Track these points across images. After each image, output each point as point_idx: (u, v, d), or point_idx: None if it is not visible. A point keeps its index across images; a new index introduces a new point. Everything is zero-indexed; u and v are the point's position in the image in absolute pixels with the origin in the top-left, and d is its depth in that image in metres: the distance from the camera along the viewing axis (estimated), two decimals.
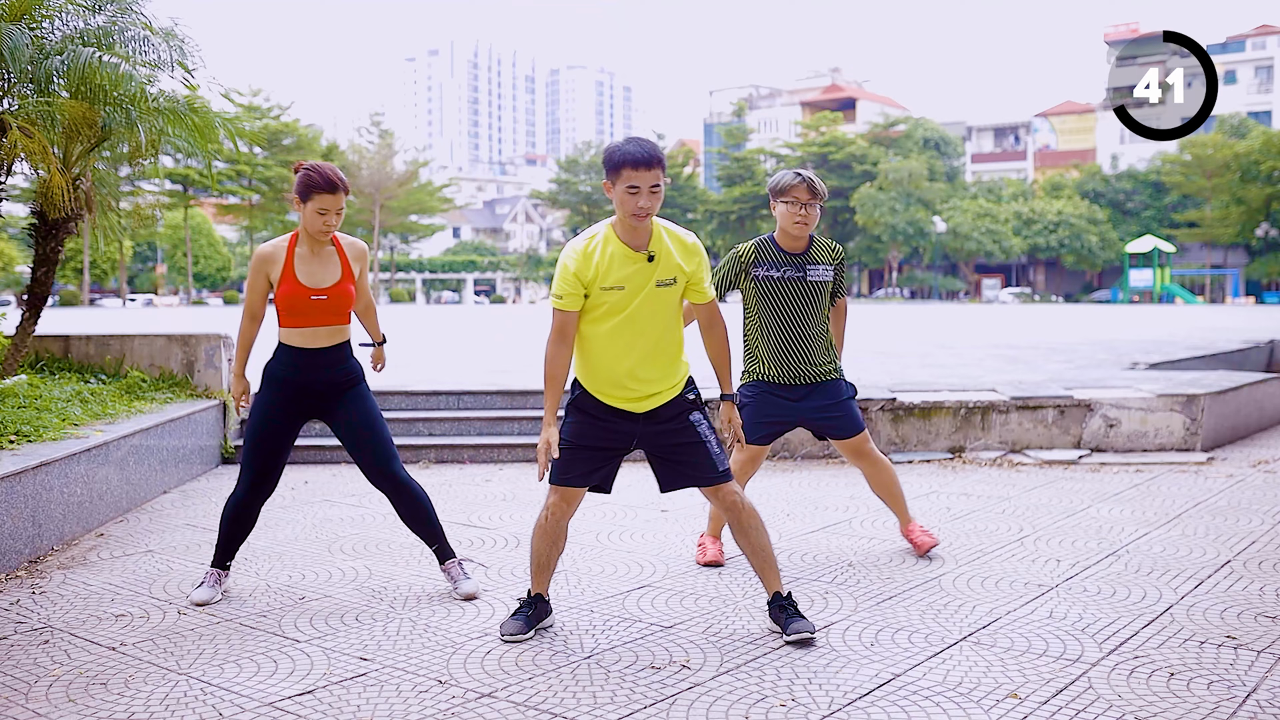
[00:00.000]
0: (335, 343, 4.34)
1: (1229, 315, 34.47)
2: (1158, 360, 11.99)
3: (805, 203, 4.70)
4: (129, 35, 7.72)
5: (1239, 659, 3.59)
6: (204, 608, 4.29)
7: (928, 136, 76.88)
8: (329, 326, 4.30)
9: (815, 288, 4.78)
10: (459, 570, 4.51)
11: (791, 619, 3.85)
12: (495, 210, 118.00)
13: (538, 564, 3.95)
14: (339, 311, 4.30)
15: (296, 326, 4.28)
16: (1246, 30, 79.01)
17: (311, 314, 4.27)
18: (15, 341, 7.88)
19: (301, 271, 4.26)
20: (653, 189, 3.62)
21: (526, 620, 3.89)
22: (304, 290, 4.24)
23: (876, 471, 4.99)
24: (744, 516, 3.89)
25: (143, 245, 73.97)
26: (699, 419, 3.87)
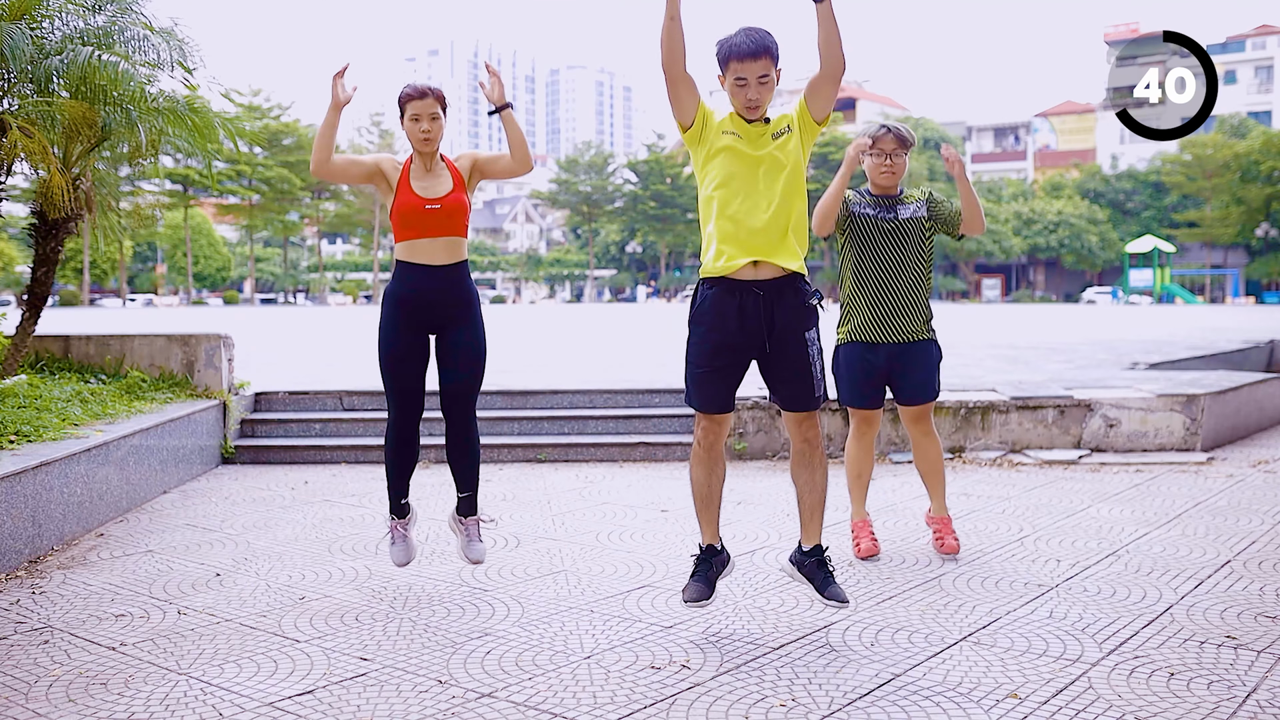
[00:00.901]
0: (452, 260, 4.37)
1: (1229, 315, 34.46)
2: (1158, 360, 11.99)
3: (891, 152, 4.81)
4: (129, 35, 7.72)
5: (1239, 659, 3.59)
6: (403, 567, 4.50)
7: (928, 136, 76.81)
8: (445, 238, 4.34)
9: (908, 227, 4.86)
10: (475, 530, 4.56)
11: (829, 582, 3.85)
12: (495, 210, 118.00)
13: (700, 499, 3.91)
14: (454, 224, 4.35)
15: (413, 238, 4.32)
16: (1246, 30, 79.02)
17: (426, 225, 4.30)
18: (15, 341, 7.88)
19: (417, 185, 4.35)
20: (760, 79, 3.60)
21: (706, 580, 3.86)
22: (418, 200, 4.31)
23: (931, 444, 5.02)
24: (817, 454, 3.88)
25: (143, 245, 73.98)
26: (812, 337, 3.84)
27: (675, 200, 75.97)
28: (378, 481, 7.07)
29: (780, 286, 3.78)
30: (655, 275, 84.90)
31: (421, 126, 4.33)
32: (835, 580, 3.89)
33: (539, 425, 8.26)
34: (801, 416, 3.86)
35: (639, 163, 78.40)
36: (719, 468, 3.91)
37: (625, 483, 7.03)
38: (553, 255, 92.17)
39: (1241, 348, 14.26)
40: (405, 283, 4.35)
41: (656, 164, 76.99)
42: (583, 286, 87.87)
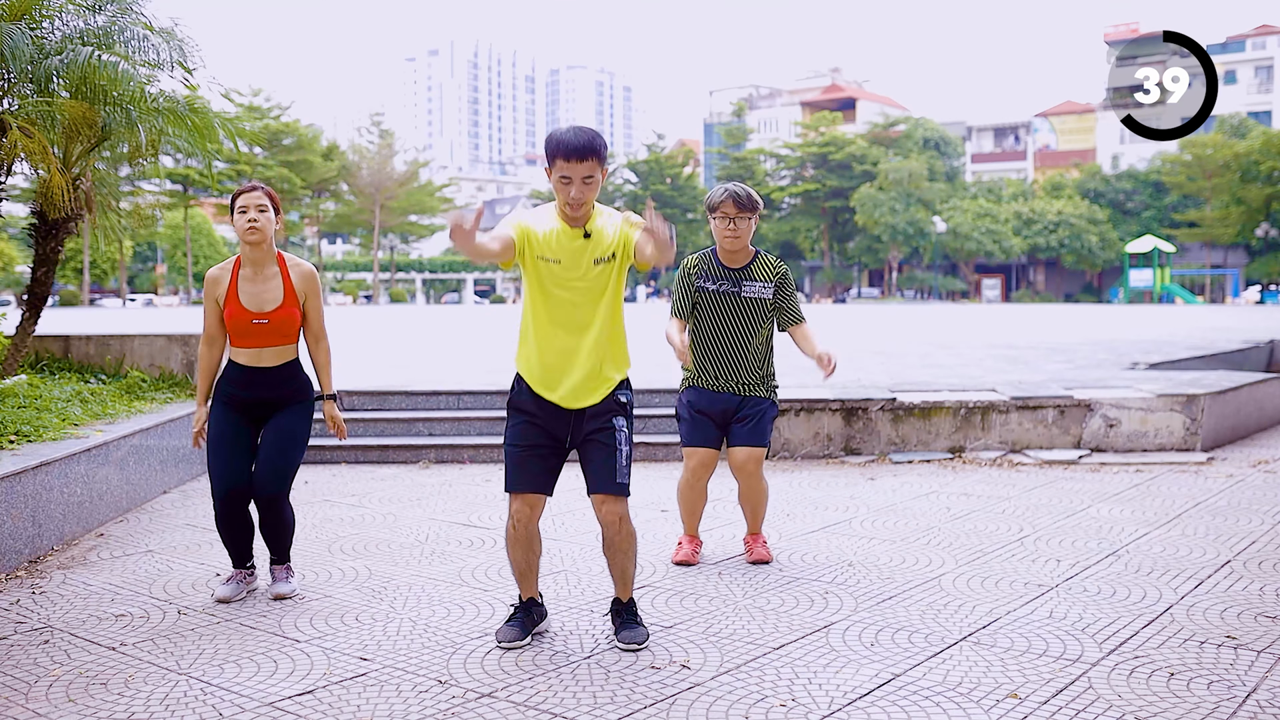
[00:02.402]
0: (281, 362, 4.40)
1: (1229, 315, 34.47)
2: (1158, 360, 11.99)
3: (734, 217, 4.72)
4: (129, 35, 7.72)
5: (1239, 659, 3.59)
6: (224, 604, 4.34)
7: (928, 136, 76.87)
8: (274, 347, 4.37)
9: (751, 304, 4.80)
10: (284, 573, 4.52)
11: (627, 625, 3.83)
12: (495, 210, 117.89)
13: (519, 573, 3.90)
14: (283, 334, 4.37)
15: (242, 346, 4.36)
16: (1246, 30, 79.02)
17: (255, 336, 4.33)
18: (15, 341, 7.88)
19: (245, 294, 4.34)
20: (585, 180, 3.58)
21: (522, 626, 3.86)
22: (246, 314, 4.32)
23: (754, 491, 4.94)
24: (620, 537, 3.82)
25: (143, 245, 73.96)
26: (621, 424, 3.81)
27: (675, 200, 75.96)
28: (378, 481, 7.07)
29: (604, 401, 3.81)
30: (655, 275, 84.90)
31: (249, 217, 4.29)
32: (636, 625, 3.84)
33: None
34: (603, 499, 3.80)
35: (639, 163, 78.43)
36: (536, 544, 3.87)
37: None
38: None
39: (1241, 348, 14.27)
40: (235, 382, 4.38)
41: (656, 164, 77.01)
42: None
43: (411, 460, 7.90)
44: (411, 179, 73.03)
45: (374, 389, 8.84)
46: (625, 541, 3.83)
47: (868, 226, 71.18)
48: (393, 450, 7.94)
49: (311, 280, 4.46)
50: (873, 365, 12.20)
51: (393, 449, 7.95)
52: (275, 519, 4.42)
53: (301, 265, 4.48)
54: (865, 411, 7.91)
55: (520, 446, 3.79)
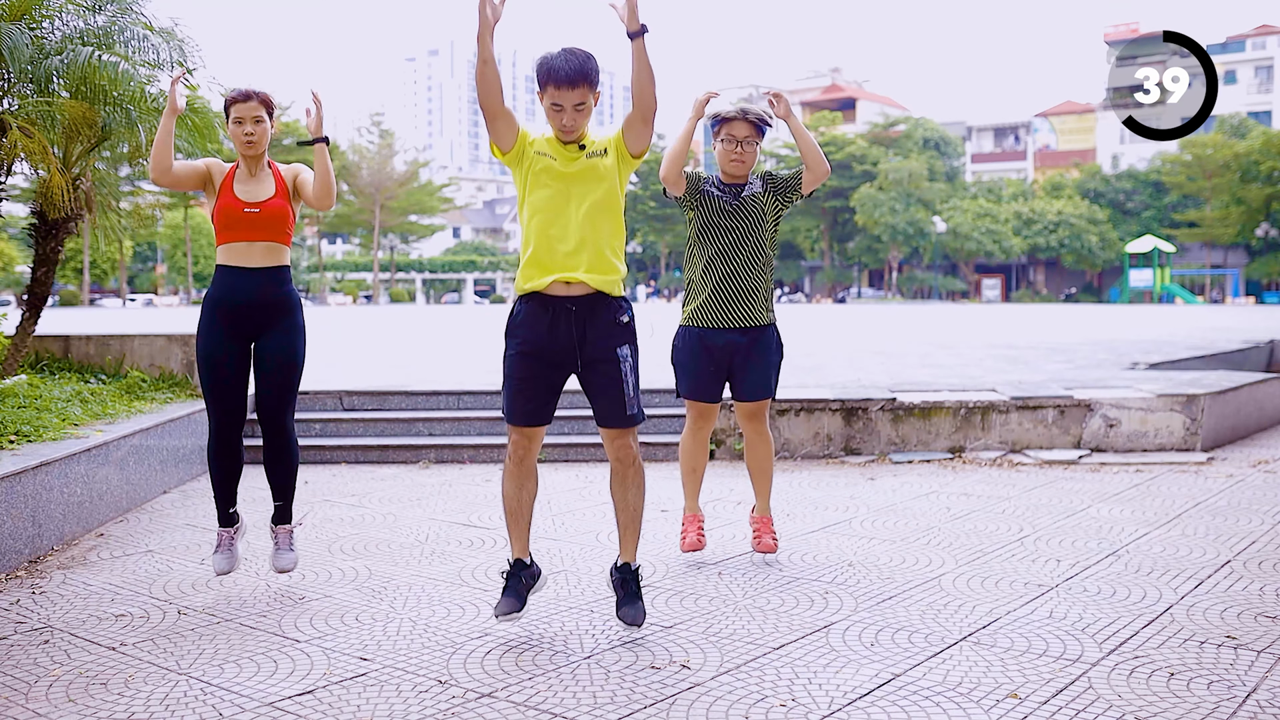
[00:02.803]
0: (270, 264, 4.36)
1: (1229, 315, 34.47)
2: (1158, 360, 11.99)
3: (743, 139, 4.66)
4: (129, 35, 7.72)
5: (1239, 659, 3.59)
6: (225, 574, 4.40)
7: (928, 136, 76.86)
8: (263, 243, 4.33)
9: (749, 206, 4.73)
10: (287, 539, 4.52)
11: (628, 600, 3.82)
12: (495, 210, 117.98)
13: (510, 512, 3.89)
14: (273, 229, 4.34)
15: (231, 241, 4.32)
16: (1246, 30, 78.98)
17: (244, 228, 4.30)
18: (15, 341, 7.88)
19: (239, 188, 4.35)
20: (576, 106, 3.58)
21: (517, 594, 3.85)
22: (238, 203, 4.31)
23: (762, 443, 4.92)
24: (631, 471, 3.85)
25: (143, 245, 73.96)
26: (625, 353, 3.82)
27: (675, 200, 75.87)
28: (377, 481, 7.07)
29: (592, 303, 3.78)
30: (655, 275, 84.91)
31: (245, 129, 4.32)
32: (636, 601, 3.83)
33: None
34: (614, 433, 3.83)
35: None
36: (530, 482, 3.88)
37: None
38: None
39: (1241, 348, 14.27)
40: (222, 286, 4.34)
41: (656, 164, 76.96)
42: None
43: (411, 460, 7.90)
44: (411, 179, 73.02)
45: (374, 389, 8.84)
46: (636, 475, 3.85)
47: (868, 226, 71.15)
48: (393, 450, 7.94)
49: (300, 169, 4.48)
50: (873, 365, 12.20)
51: (393, 449, 7.95)
52: (282, 445, 4.41)
53: (293, 166, 4.51)
54: (865, 411, 7.91)
55: (517, 378, 3.80)
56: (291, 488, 4.54)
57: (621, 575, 3.92)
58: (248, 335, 4.38)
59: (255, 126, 4.33)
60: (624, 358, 3.81)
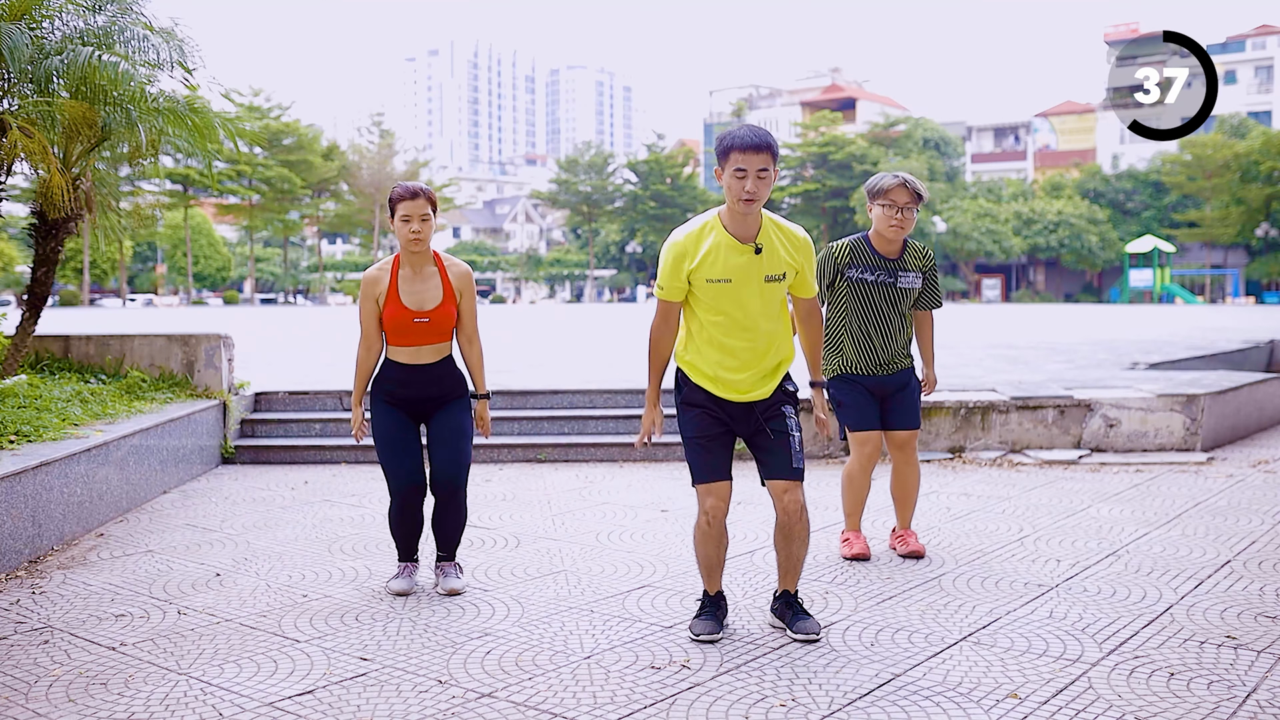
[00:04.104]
0: (439, 358, 4.48)
1: (1229, 315, 34.47)
2: (1158, 360, 11.99)
3: (903, 206, 4.77)
4: (129, 35, 7.72)
5: (1239, 659, 3.59)
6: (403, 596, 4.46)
7: (928, 136, 76.83)
8: (432, 345, 4.45)
9: (904, 294, 4.92)
10: (453, 570, 4.59)
11: (799, 616, 3.88)
12: (495, 210, 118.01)
13: (707, 567, 3.93)
14: (441, 331, 4.45)
15: (402, 345, 4.43)
16: (1246, 30, 78.97)
17: (415, 334, 4.41)
18: (15, 341, 7.88)
19: (405, 293, 4.42)
20: (760, 173, 3.62)
21: (715, 619, 3.91)
22: (408, 313, 4.39)
23: (912, 470, 5.06)
24: (798, 525, 3.87)
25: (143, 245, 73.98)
26: (790, 411, 3.88)
27: (675, 200, 75.92)
28: (378, 481, 7.07)
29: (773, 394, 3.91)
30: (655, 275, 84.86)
31: (412, 227, 4.37)
32: (807, 615, 3.90)
33: (539, 425, 8.26)
34: (784, 485, 3.84)
35: (639, 163, 78.34)
36: (725, 538, 3.90)
37: (625, 483, 7.03)
38: (553, 255, 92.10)
39: (1241, 348, 14.26)
40: (394, 381, 4.47)
41: (656, 164, 76.95)
42: (583, 286, 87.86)
43: None
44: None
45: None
46: (804, 529, 3.89)
47: (867, 226, 71.07)
48: None
49: (468, 280, 4.55)
50: None
51: None
52: (455, 511, 4.53)
53: (458, 265, 4.56)
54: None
55: (703, 438, 3.84)
56: (457, 544, 4.63)
57: (784, 600, 3.96)
58: (419, 416, 4.54)
59: (422, 225, 4.37)
60: (789, 415, 3.89)
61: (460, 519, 4.56)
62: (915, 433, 5.03)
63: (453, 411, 4.51)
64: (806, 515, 3.87)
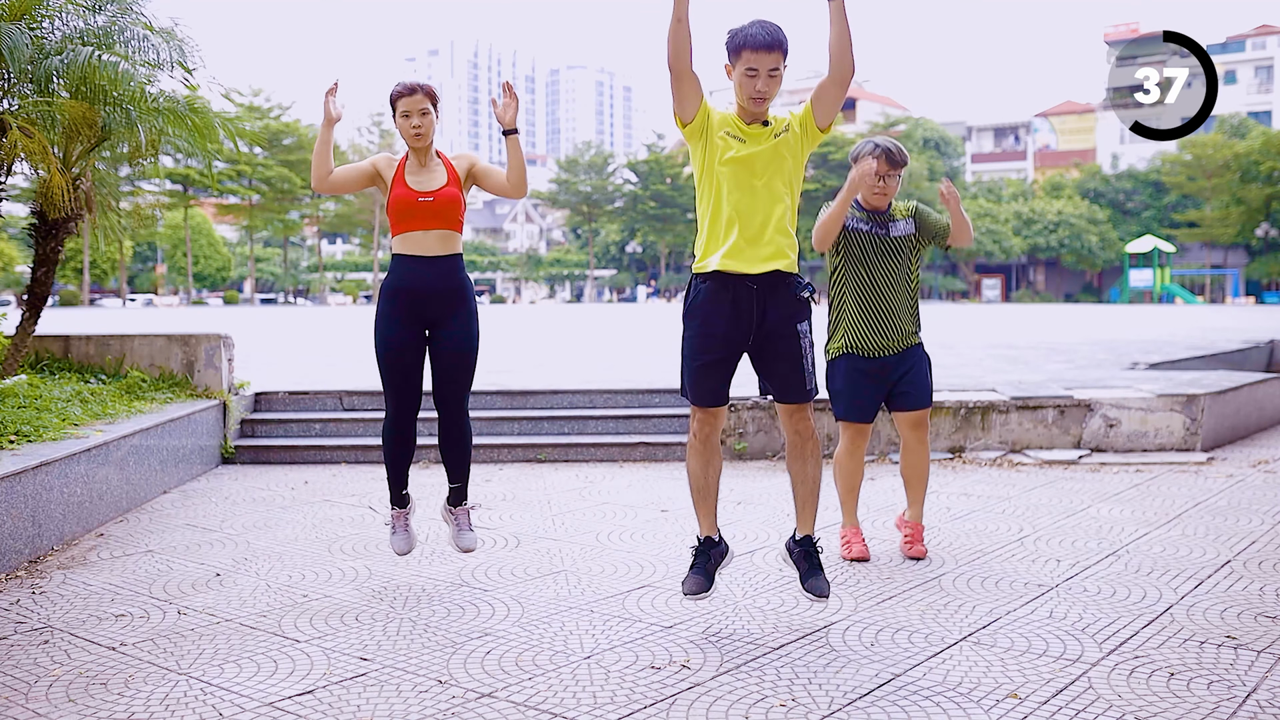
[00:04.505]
0: (446, 252, 4.46)
1: (1229, 315, 34.46)
2: (1158, 360, 11.99)
3: (885, 175, 4.81)
4: (129, 35, 7.72)
5: (1239, 659, 3.59)
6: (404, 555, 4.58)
7: (928, 136, 76.85)
8: (438, 231, 4.43)
9: (899, 243, 4.91)
10: (466, 519, 4.66)
11: (811, 573, 3.88)
12: (495, 210, 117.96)
13: (697, 491, 3.95)
14: (447, 216, 4.43)
15: (407, 231, 4.42)
16: (1246, 30, 78.96)
17: (419, 217, 4.40)
18: (15, 341, 7.88)
19: (410, 180, 4.46)
20: (770, 72, 3.63)
21: (705, 572, 3.90)
22: (411, 193, 4.41)
23: (923, 451, 5.04)
24: (810, 445, 3.91)
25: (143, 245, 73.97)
26: (805, 330, 3.88)
27: (675, 200, 75.93)
28: (378, 482, 7.06)
29: (773, 281, 3.83)
30: (655, 275, 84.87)
31: (412, 122, 4.43)
32: (820, 573, 3.92)
33: (539, 425, 8.26)
34: (793, 408, 3.91)
35: (639, 163, 78.38)
36: (715, 460, 3.95)
37: (625, 483, 7.03)
38: (553, 255, 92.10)
39: (1241, 348, 14.26)
40: (400, 274, 4.44)
41: (656, 164, 76.98)
42: (583, 286, 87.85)
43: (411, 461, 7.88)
44: None
45: (374, 389, 8.83)
46: (815, 449, 3.92)
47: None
48: None
49: (471, 157, 4.62)
50: None
51: None
52: (459, 432, 4.56)
53: (462, 154, 4.62)
54: None
55: (698, 360, 3.84)
56: (467, 469, 4.67)
57: (803, 548, 3.96)
58: (425, 322, 4.49)
59: (421, 119, 4.42)
60: (803, 334, 3.87)
61: (465, 438, 4.60)
62: (927, 411, 5.01)
63: (460, 319, 4.48)
64: (816, 437, 3.93)
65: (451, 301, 4.46)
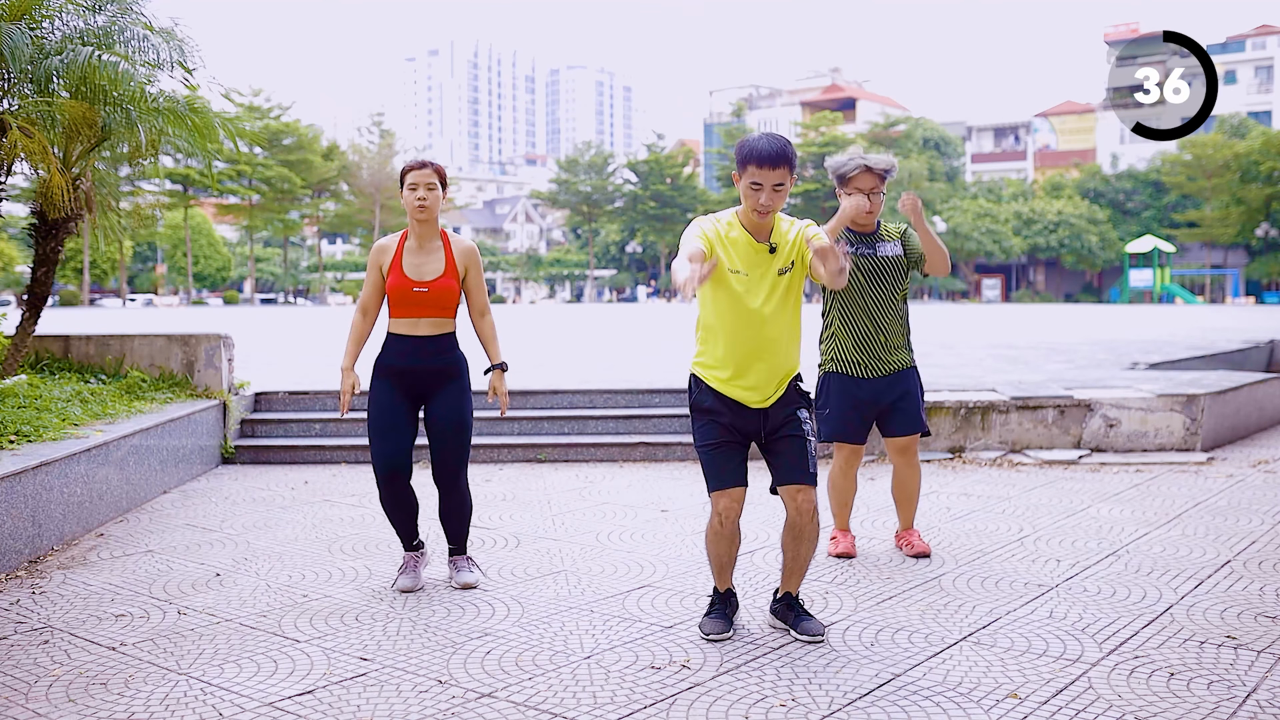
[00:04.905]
0: (438, 332, 4.48)
1: (1229, 315, 34.47)
2: (1158, 360, 11.99)
3: (869, 191, 4.77)
4: (129, 35, 7.72)
5: (1239, 659, 3.59)
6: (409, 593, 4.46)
7: (928, 136, 76.88)
8: (431, 318, 4.45)
9: (887, 264, 4.87)
10: (465, 564, 4.63)
11: (802, 618, 3.89)
12: (495, 210, 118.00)
13: (719, 566, 3.95)
14: (441, 305, 4.46)
15: (402, 316, 4.45)
16: (1246, 30, 78.97)
17: (414, 305, 4.43)
18: (15, 341, 7.88)
19: (408, 264, 4.46)
20: (775, 187, 3.63)
21: (725, 617, 3.92)
22: (408, 282, 4.42)
23: (913, 474, 5.04)
24: (810, 526, 3.87)
25: (143, 245, 73.97)
26: (805, 416, 3.89)
27: (675, 200, 75.95)
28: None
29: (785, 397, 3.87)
30: (655, 275, 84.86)
31: (418, 194, 4.46)
32: (810, 616, 3.91)
33: (539, 425, 8.26)
34: (796, 489, 3.83)
35: (639, 163, 78.38)
36: (738, 538, 3.92)
37: (625, 483, 7.03)
38: (553, 255, 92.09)
39: (1241, 348, 14.26)
40: (392, 353, 4.48)
41: (656, 164, 77.00)
42: (583, 286, 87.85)
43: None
44: None
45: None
46: (815, 530, 3.89)
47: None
48: None
49: (473, 255, 4.58)
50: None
51: None
52: (458, 501, 4.55)
53: (464, 242, 4.59)
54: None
55: (713, 445, 3.83)
56: (465, 535, 4.66)
57: (785, 602, 3.96)
58: (417, 396, 4.51)
59: (428, 193, 4.45)
60: (804, 419, 3.88)
61: (464, 510, 4.59)
62: (916, 437, 5.00)
63: (451, 394, 4.49)
64: (818, 518, 3.88)
65: (442, 378, 4.49)
